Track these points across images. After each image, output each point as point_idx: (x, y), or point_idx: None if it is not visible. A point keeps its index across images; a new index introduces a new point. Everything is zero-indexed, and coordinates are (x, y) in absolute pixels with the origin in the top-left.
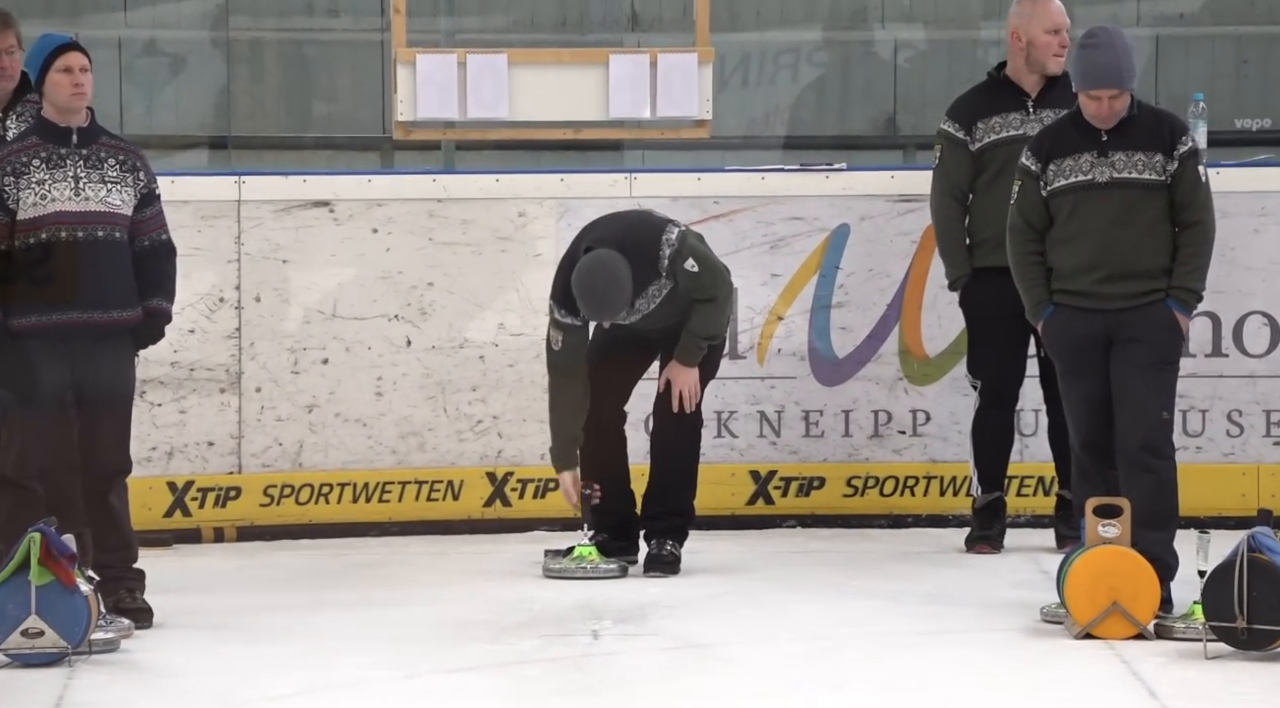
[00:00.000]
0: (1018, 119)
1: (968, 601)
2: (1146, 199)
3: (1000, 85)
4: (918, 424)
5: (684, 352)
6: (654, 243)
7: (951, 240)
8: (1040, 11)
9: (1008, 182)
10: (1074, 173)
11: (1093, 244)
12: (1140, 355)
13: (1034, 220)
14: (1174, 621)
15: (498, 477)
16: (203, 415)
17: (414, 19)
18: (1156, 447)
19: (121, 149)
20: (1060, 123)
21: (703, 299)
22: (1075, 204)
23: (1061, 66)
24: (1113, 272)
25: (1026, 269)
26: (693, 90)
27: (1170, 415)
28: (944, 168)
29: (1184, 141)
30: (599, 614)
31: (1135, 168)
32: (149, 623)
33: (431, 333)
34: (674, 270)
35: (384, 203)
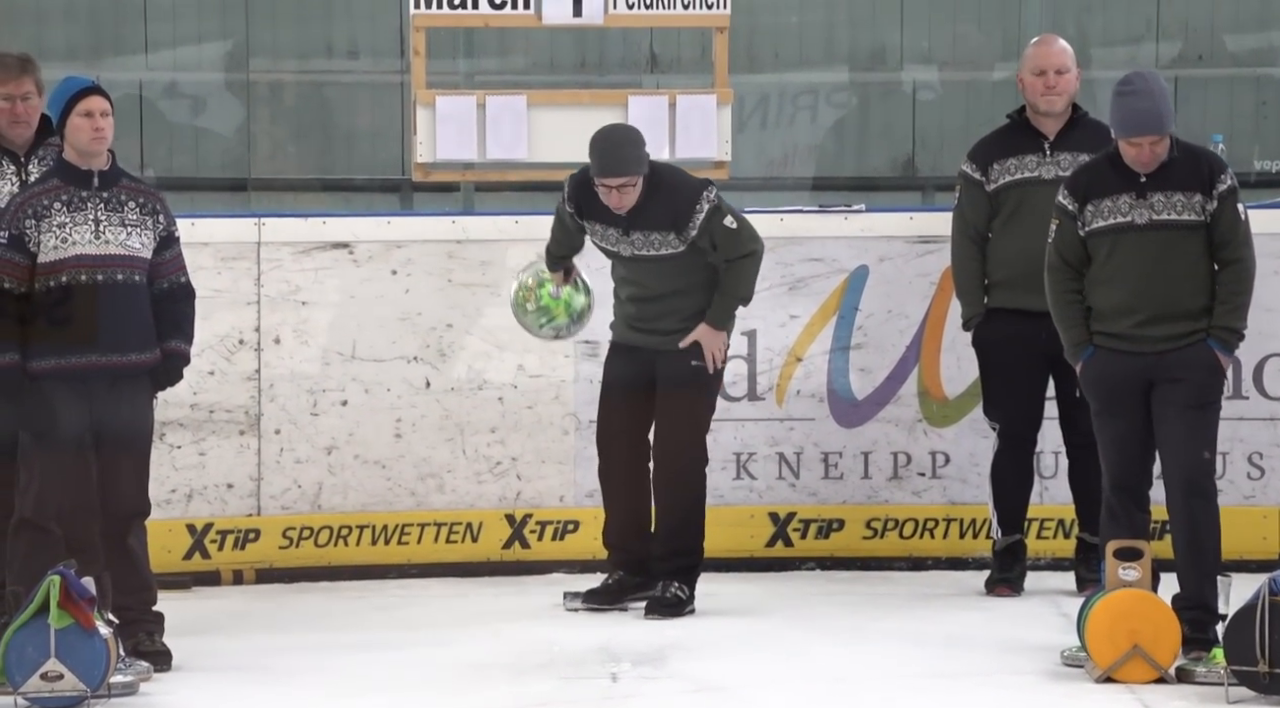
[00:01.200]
0: (1034, 161)
1: (988, 643)
2: (1186, 240)
3: (1019, 128)
4: (937, 466)
5: (716, 314)
6: (693, 190)
7: (967, 280)
8: (1030, 55)
9: (1023, 223)
10: (1113, 214)
11: (1132, 286)
12: (1182, 396)
13: (1072, 259)
14: (1195, 664)
15: (516, 519)
16: (222, 457)
17: (433, 60)
18: (1199, 486)
19: (142, 192)
20: (1098, 162)
21: (740, 256)
22: (1114, 245)
23: (1055, 106)
24: (1153, 314)
25: (1066, 309)
26: (711, 131)
27: (1213, 455)
28: (961, 208)
29: (1223, 180)
30: (618, 656)
31: (1174, 209)
32: (168, 666)
33: (450, 374)
34: (709, 229)
35: (403, 244)
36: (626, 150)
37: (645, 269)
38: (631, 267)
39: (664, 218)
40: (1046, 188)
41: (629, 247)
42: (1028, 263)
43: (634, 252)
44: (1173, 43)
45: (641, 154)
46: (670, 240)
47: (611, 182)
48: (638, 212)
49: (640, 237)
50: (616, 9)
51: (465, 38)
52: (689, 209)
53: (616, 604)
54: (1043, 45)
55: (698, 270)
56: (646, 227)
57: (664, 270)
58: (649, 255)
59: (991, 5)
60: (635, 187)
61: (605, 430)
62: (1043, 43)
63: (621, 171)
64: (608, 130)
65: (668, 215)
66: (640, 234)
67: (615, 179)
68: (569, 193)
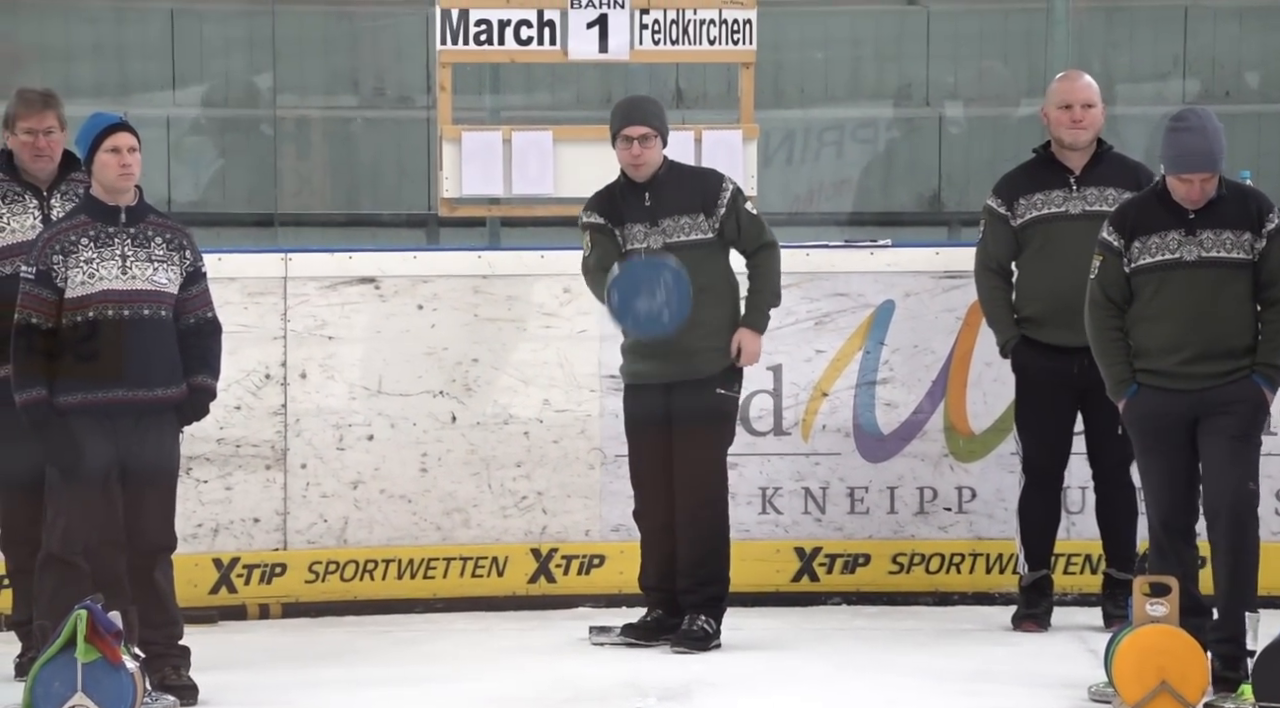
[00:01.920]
0: (1060, 197)
1: (1014, 679)
2: (1234, 278)
3: (1045, 163)
4: (963, 501)
5: (752, 316)
6: (715, 177)
7: (995, 308)
8: (1055, 89)
9: (1049, 258)
10: (1161, 251)
11: (1179, 323)
12: (1225, 427)
13: (1115, 296)
14: (1223, 701)
15: (542, 553)
16: (248, 492)
17: (459, 96)
18: (1243, 519)
19: (169, 228)
20: (1144, 198)
21: (761, 245)
22: (1161, 282)
23: (1081, 140)
24: (1199, 352)
25: (1108, 345)
26: (738, 166)
27: (1256, 486)
28: (984, 243)
29: (1271, 219)
30: (644, 692)
31: (1224, 247)
32: (194, 700)
33: (476, 409)
34: (733, 210)
35: (429, 279)
36: (647, 106)
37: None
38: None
39: (692, 199)
40: (1072, 223)
41: (660, 237)
42: (1056, 298)
43: (665, 240)
44: (1198, 79)
45: (662, 114)
46: (700, 224)
47: (633, 131)
48: (663, 198)
49: (670, 222)
50: (642, 45)
51: (491, 73)
52: (717, 187)
53: (654, 642)
54: (1068, 80)
55: (721, 271)
56: (675, 211)
57: (693, 261)
58: (680, 241)
59: (1017, 41)
60: (655, 144)
61: (636, 471)
62: (1068, 78)
63: (643, 121)
64: (629, 95)
65: (696, 196)
66: (670, 220)
67: (637, 128)
68: (593, 207)
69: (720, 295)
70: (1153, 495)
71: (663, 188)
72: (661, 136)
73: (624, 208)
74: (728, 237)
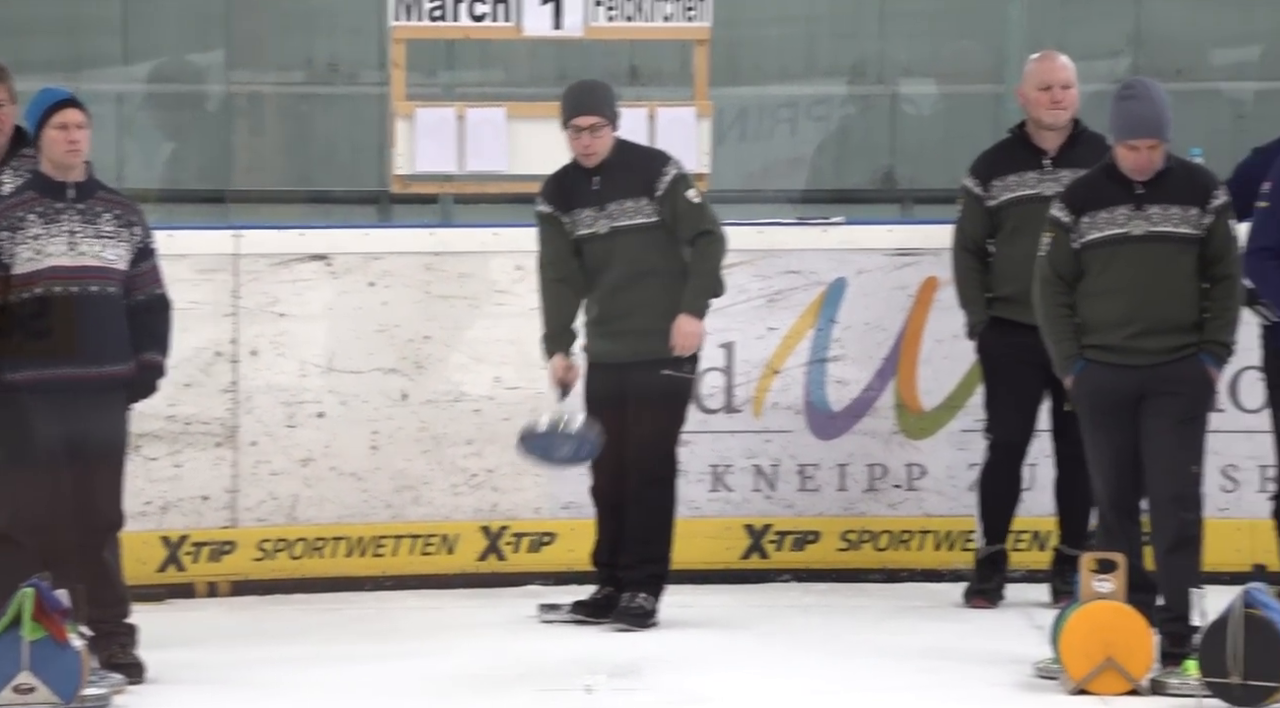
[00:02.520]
0: (1034, 177)
1: (962, 655)
2: (1181, 253)
3: (1019, 143)
4: (913, 478)
5: (689, 300)
6: (661, 155)
7: (969, 289)
8: (1032, 70)
9: (1024, 238)
10: (1109, 226)
11: (1127, 298)
12: (1172, 409)
13: (1064, 272)
14: (1169, 676)
15: (493, 531)
16: (197, 470)
17: (413, 73)
18: (1186, 500)
19: (118, 204)
20: (1093, 175)
21: (700, 233)
22: (1110, 257)
23: (1061, 120)
24: (1147, 326)
25: (1056, 322)
26: (691, 143)
27: (1199, 469)
28: (961, 223)
29: (1217, 195)
30: (594, 669)
31: (1171, 221)
32: (141, 678)
33: (428, 386)
34: (671, 195)
35: (381, 256)
36: (598, 93)
37: (623, 245)
38: (609, 246)
39: (636, 182)
40: (1046, 204)
41: (607, 221)
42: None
43: (612, 224)
44: (1151, 57)
45: (612, 101)
46: (644, 207)
47: (583, 121)
48: (610, 181)
49: (616, 207)
50: (597, 21)
51: (445, 50)
52: (658, 169)
53: (604, 619)
54: (1047, 60)
55: (671, 254)
56: (621, 195)
57: (640, 245)
58: (627, 226)
59: (972, 20)
60: (605, 133)
61: None
62: (1047, 58)
63: (593, 110)
64: (580, 80)
65: (639, 179)
66: (615, 204)
67: (587, 118)
68: (545, 195)
69: (671, 278)
70: (1099, 473)
71: (611, 171)
72: (612, 123)
73: (573, 192)
74: (667, 221)
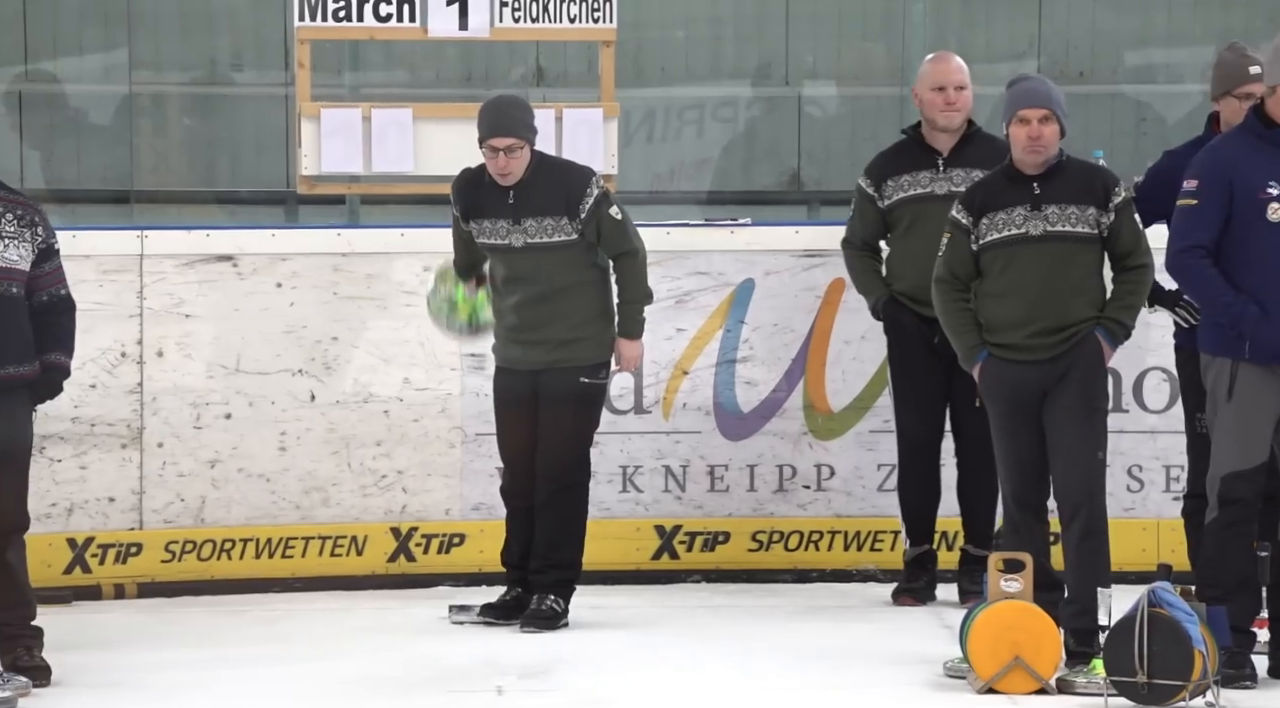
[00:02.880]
0: (927, 177)
1: (872, 655)
2: (1080, 252)
3: (914, 144)
4: (822, 479)
5: (625, 324)
6: (585, 173)
7: (862, 275)
8: (926, 71)
9: (917, 237)
10: (1007, 226)
11: (1026, 298)
12: (1070, 403)
13: (961, 273)
14: (1076, 675)
15: (402, 532)
16: (104, 471)
17: (318, 73)
18: (1091, 489)
19: (19, 204)
20: (992, 176)
21: (622, 252)
22: (1009, 258)
23: (954, 122)
24: (1046, 325)
25: (955, 317)
26: (598, 145)
27: (1104, 455)
28: (851, 223)
29: (1118, 192)
30: (504, 670)
31: (1069, 221)
32: (47, 681)
33: (336, 388)
34: (595, 214)
35: (288, 257)
36: (515, 113)
37: (537, 261)
38: (522, 261)
39: (556, 200)
40: (940, 203)
41: (521, 236)
42: (922, 276)
43: (526, 241)
44: (1054, 59)
45: (530, 120)
46: (564, 226)
47: (499, 142)
48: (527, 197)
49: (533, 223)
50: (503, 22)
51: (350, 50)
52: (581, 190)
53: (513, 621)
54: (941, 62)
55: (588, 268)
56: (539, 212)
57: (556, 262)
58: (542, 243)
59: (876, 22)
60: (522, 153)
61: (504, 450)
62: (941, 59)
63: (509, 131)
64: (497, 97)
65: (559, 197)
66: (533, 221)
67: (503, 139)
68: (454, 195)
69: (586, 289)
70: (1005, 472)
71: (528, 187)
72: (529, 143)
73: (487, 201)
74: (590, 239)
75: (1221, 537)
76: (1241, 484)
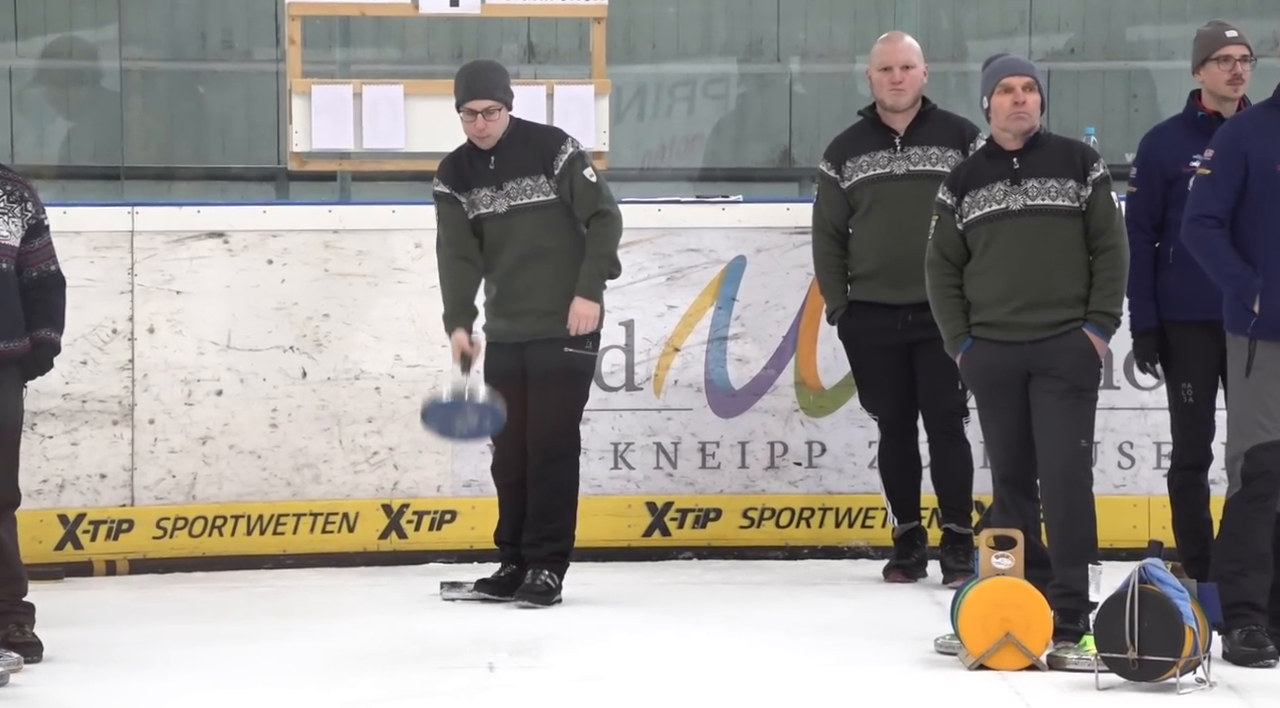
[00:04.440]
0: (885, 157)
1: (862, 632)
2: (1061, 226)
3: (870, 125)
4: (813, 456)
5: (584, 283)
6: (559, 133)
7: (828, 275)
8: (876, 52)
9: (878, 218)
10: (988, 202)
11: (1008, 273)
12: (1058, 385)
13: (950, 254)
14: (1066, 652)
15: (393, 509)
16: (95, 448)
17: (309, 50)
18: (1075, 475)
19: (9, 180)
20: (974, 157)
21: (595, 213)
22: (991, 234)
23: (899, 101)
24: (1028, 300)
25: (944, 302)
26: (589, 122)
27: (1089, 444)
28: (818, 206)
29: (1096, 167)
30: (495, 646)
31: (1048, 195)
32: (39, 657)
33: (327, 364)
34: (569, 172)
35: (279, 234)
36: (492, 76)
37: (520, 224)
38: (507, 225)
39: (533, 160)
40: (898, 183)
41: (505, 200)
42: (883, 256)
43: (510, 203)
44: (1046, 36)
45: (506, 83)
46: (542, 185)
47: (477, 104)
48: (506, 160)
49: (514, 185)
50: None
51: (341, 27)
52: (555, 148)
53: (506, 597)
54: (889, 42)
55: (570, 232)
56: (517, 173)
57: (538, 223)
58: (524, 204)
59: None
60: (500, 116)
61: None
62: (889, 39)
63: (487, 93)
64: (473, 62)
65: (536, 157)
66: (513, 183)
67: (480, 102)
68: (441, 175)
69: (570, 257)
70: (991, 451)
71: (507, 151)
72: (506, 105)
73: (470, 173)
74: (565, 200)
75: (1245, 511)
76: (1268, 456)
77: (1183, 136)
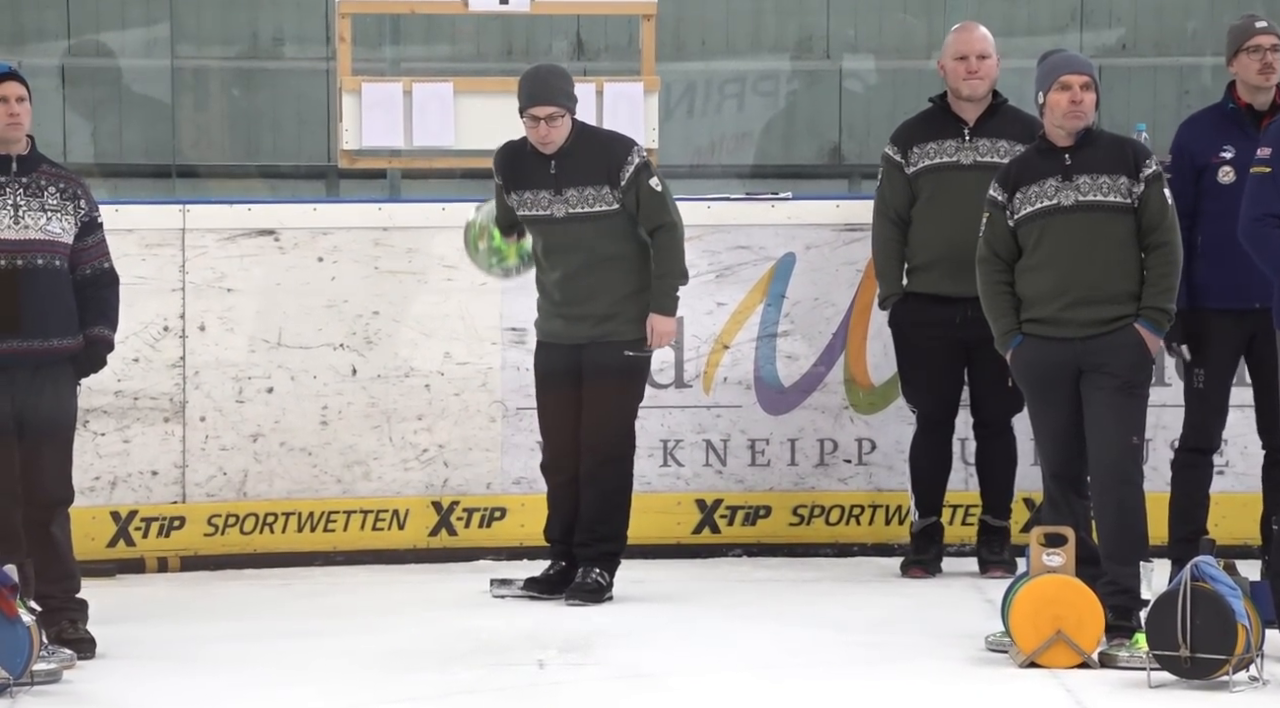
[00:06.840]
0: (953, 146)
1: (913, 629)
2: (1112, 222)
3: (941, 113)
4: (863, 453)
5: (659, 300)
6: (626, 142)
7: (885, 260)
8: (951, 41)
9: (940, 208)
10: (1039, 198)
11: (1059, 268)
12: (1110, 382)
13: (1001, 251)
14: (1118, 649)
15: (443, 506)
16: (146, 445)
17: (359, 48)
18: (1126, 472)
19: (62, 177)
20: (1026, 152)
21: (659, 225)
22: (1042, 230)
23: (978, 91)
24: (1080, 296)
25: (995, 299)
26: (639, 119)
27: (1140, 441)
28: (881, 191)
29: (1148, 164)
30: (545, 644)
31: (1100, 191)
32: (91, 654)
33: (377, 362)
34: (635, 184)
35: (329, 231)
36: (555, 82)
37: (580, 232)
38: (565, 231)
39: (598, 169)
40: (963, 173)
41: (563, 206)
42: (944, 247)
43: (569, 211)
44: (1098, 32)
45: (570, 89)
46: (605, 195)
47: (540, 111)
48: (569, 167)
49: (575, 193)
50: None
51: (391, 24)
52: (623, 158)
53: (556, 595)
54: (964, 31)
55: (630, 239)
56: (580, 181)
57: (599, 232)
58: (584, 213)
59: None
60: (563, 122)
61: (545, 424)
62: (964, 29)
63: (550, 100)
64: (536, 66)
65: (601, 166)
66: (574, 190)
67: (544, 108)
68: (496, 165)
69: (630, 263)
70: (1042, 448)
71: (569, 157)
72: (570, 111)
73: (529, 172)
74: (629, 210)
75: None
76: None
77: (1212, 128)
